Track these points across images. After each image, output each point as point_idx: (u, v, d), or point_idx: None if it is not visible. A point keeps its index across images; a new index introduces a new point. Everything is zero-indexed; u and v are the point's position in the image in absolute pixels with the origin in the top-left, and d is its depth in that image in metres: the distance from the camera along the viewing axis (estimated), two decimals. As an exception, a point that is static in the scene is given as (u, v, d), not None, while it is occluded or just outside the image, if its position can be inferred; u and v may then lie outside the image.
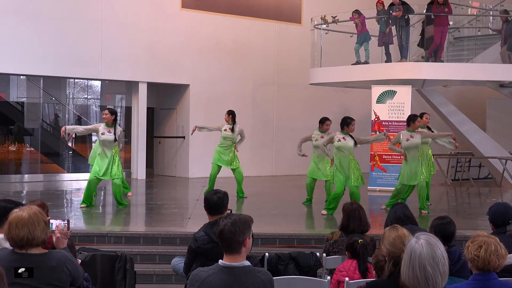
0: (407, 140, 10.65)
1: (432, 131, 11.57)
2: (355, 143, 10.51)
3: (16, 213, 3.99)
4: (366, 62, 15.31)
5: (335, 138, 10.52)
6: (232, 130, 12.30)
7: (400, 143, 10.80)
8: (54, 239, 4.43)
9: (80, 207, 10.72)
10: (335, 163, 10.50)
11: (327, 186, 11.58)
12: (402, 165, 10.88)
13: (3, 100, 16.33)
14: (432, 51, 14.79)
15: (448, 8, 14.54)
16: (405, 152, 10.72)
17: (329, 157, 10.90)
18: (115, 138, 10.59)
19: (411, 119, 10.81)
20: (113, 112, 10.77)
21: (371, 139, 11.45)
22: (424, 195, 10.86)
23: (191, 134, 13.38)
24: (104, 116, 10.69)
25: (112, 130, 10.59)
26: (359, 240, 5.44)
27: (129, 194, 12.41)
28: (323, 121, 11.72)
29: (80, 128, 11.38)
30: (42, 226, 3.97)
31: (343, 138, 10.46)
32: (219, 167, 12.36)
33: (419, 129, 10.84)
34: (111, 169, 10.64)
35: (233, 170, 12.40)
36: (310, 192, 11.90)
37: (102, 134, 10.54)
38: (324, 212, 10.60)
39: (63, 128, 10.76)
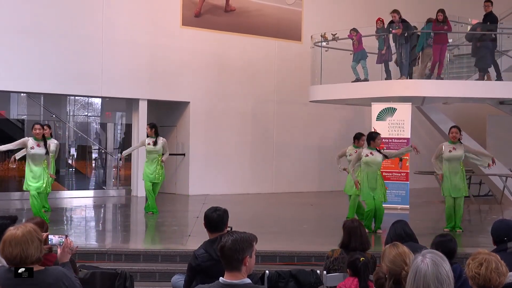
0: (450, 151, 10.64)
1: None
2: (384, 157, 10.50)
3: (10, 231, 3.97)
4: (365, 80, 15.34)
5: (362, 154, 10.50)
6: (155, 143, 12.54)
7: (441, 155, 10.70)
8: (59, 251, 4.43)
9: None
10: (362, 179, 10.45)
11: (352, 201, 11.36)
12: (443, 180, 10.72)
13: (4, 118, 16.35)
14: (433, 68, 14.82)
15: (448, 25, 14.58)
16: (441, 174, 10.64)
17: (353, 179, 10.71)
18: (47, 151, 10.71)
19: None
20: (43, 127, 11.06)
21: (399, 152, 11.29)
22: (461, 212, 10.75)
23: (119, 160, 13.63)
24: (37, 131, 10.67)
25: (41, 143, 10.68)
26: (361, 258, 5.42)
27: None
28: (359, 136, 11.45)
29: (9, 145, 11.03)
30: (36, 244, 3.93)
31: (371, 153, 10.43)
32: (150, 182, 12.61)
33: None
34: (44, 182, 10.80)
35: (155, 184, 12.63)
36: (356, 208, 11.43)
37: (31, 148, 10.64)
38: None
39: None
